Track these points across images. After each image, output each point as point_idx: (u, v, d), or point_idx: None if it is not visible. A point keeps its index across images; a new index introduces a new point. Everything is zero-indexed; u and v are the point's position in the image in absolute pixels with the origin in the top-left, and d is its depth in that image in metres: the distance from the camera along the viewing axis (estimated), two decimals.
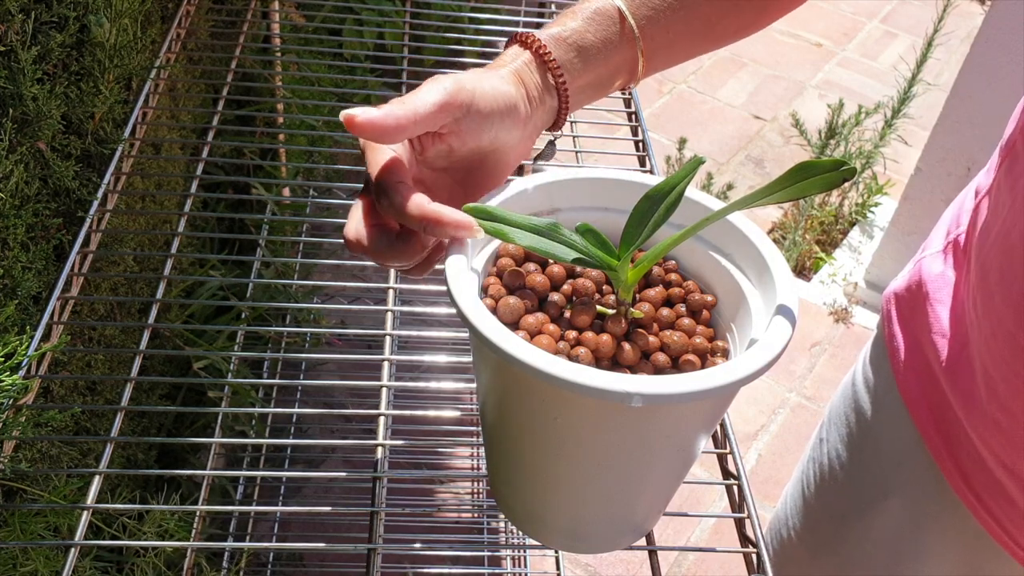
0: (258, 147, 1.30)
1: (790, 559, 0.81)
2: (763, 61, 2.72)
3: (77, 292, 0.67)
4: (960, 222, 0.64)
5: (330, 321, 1.60)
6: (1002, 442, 0.57)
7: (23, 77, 0.63)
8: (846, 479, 0.74)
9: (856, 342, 1.89)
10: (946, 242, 0.65)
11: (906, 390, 0.67)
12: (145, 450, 1.00)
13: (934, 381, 0.64)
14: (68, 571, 0.51)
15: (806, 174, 0.41)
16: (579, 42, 0.50)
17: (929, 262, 0.66)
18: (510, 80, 0.48)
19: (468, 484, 1.45)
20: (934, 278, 0.64)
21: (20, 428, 0.57)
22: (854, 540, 0.73)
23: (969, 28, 2.78)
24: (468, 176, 0.49)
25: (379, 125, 0.41)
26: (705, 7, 0.53)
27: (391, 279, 0.72)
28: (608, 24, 0.51)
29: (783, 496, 0.84)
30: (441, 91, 0.43)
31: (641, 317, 0.45)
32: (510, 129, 0.47)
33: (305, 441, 0.62)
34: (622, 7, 0.51)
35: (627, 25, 0.51)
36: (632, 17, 0.51)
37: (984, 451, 0.59)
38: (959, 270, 0.62)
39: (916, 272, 0.67)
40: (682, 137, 2.07)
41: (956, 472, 0.63)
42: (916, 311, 0.66)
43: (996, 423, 0.56)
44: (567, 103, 0.51)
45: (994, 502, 0.61)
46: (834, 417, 0.76)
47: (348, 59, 1.81)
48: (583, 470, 0.44)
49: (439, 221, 0.42)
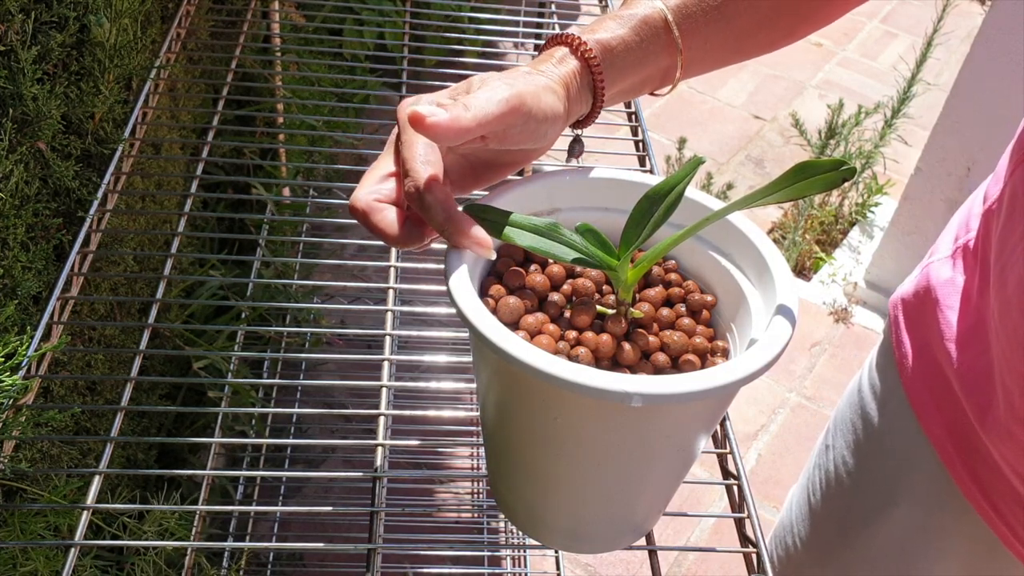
0: (258, 147, 1.30)
1: (795, 567, 0.81)
2: (763, 61, 2.71)
3: (77, 292, 0.67)
4: (969, 227, 0.63)
5: (330, 321, 1.60)
6: (1017, 454, 0.56)
7: (23, 77, 0.63)
8: (852, 486, 0.74)
9: (856, 342, 1.90)
10: (955, 247, 0.64)
11: (915, 397, 0.66)
12: (145, 450, 1.00)
13: (947, 388, 0.63)
14: (68, 571, 0.51)
15: (806, 174, 0.41)
16: (624, 51, 0.51)
17: (937, 267, 0.65)
18: (561, 93, 0.48)
19: (468, 484, 1.45)
20: (943, 284, 0.64)
21: (20, 428, 0.57)
22: (860, 547, 0.73)
23: (969, 28, 2.78)
24: (485, 165, 0.49)
25: (445, 128, 0.42)
26: (743, 20, 0.53)
27: (391, 279, 0.72)
28: (653, 34, 0.51)
29: (787, 502, 0.84)
30: (504, 103, 0.44)
31: (641, 317, 0.45)
32: (547, 135, 0.48)
33: (305, 441, 0.62)
34: (669, 19, 0.51)
35: (671, 37, 0.52)
36: (676, 28, 0.52)
37: (1000, 460, 0.59)
38: (970, 275, 0.62)
39: (924, 278, 0.67)
40: (682, 137, 2.07)
41: (970, 480, 0.62)
42: (925, 317, 0.65)
43: (1011, 434, 0.56)
44: (601, 106, 0.52)
45: (1010, 511, 0.60)
46: (840, 424, 0.76)
47: (348, 59, 1.81)
48: (583, 470, 0.44)
49: (461, 232, 0.42)
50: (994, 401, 0.57)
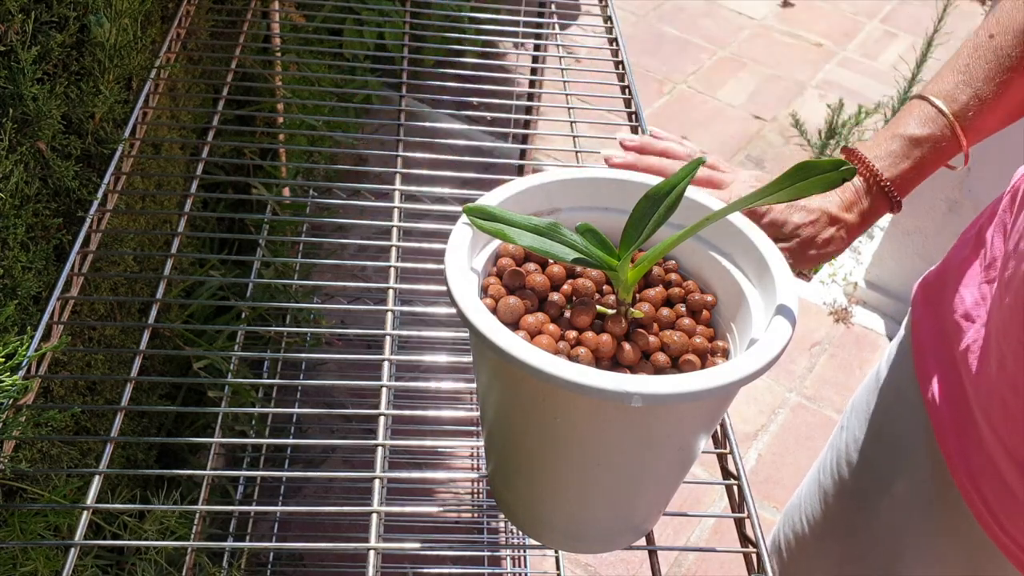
0: (258, 147, 1.30)
1: (801, 545, 0.83)
2: (763, 61, 2.71)
3: (77, 292, 0.67)
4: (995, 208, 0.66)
5: (330, 321, 1.60)
6: (1005, 419, 0.58)
7: (23, 77, 0.63)
8: (861, 461, 0.76)
9: (856, 342, 1.89)
10: (974, 231, 0.67)
11: (921, 370, 0.69)
12: (145, 450, 1.00)
13: (951, 361, 0.65)
14: (68, 571, 0.51)
15: (806, 174, 0.41)
16: (918, 174, 0.62)
17: (960, 248, 0.68)
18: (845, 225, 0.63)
19: (468, 484, 1.45)
20: (960, 263, 0.67)
21: (20, 428, 0.57)
22: (862, 522, 0.75)
23: (969, 28, 2.77)
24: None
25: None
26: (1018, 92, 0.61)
27: (391, 279, 0.72)
28: (943, 148, 0.61)
29: (800, 484, 0.87)
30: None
31: (641, 317, 0.45)
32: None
33: (305, 441, 0.62)
34: (960, 136, 0.61)
35: (959, 142, 0.61)
36: (960, 129, 0.61)
37: (987, 431, 0.60)
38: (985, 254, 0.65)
39: (947, 259, 0.70)
40: (682, 137, 2.07)
41: (958, 456, 0.64)
42: (943, 294, 0.68)
43: (1003, 401, 0.57)
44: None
45: (989, 487, 0.62)
46: (857, 404, 0.79)
47: (348, 59, 1.81)
48: (583, 470, 0.44)
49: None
50: (988, 372, 0.59)
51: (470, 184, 0.93)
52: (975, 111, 0.61)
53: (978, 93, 0.60)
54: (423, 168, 0.84)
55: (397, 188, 0.78)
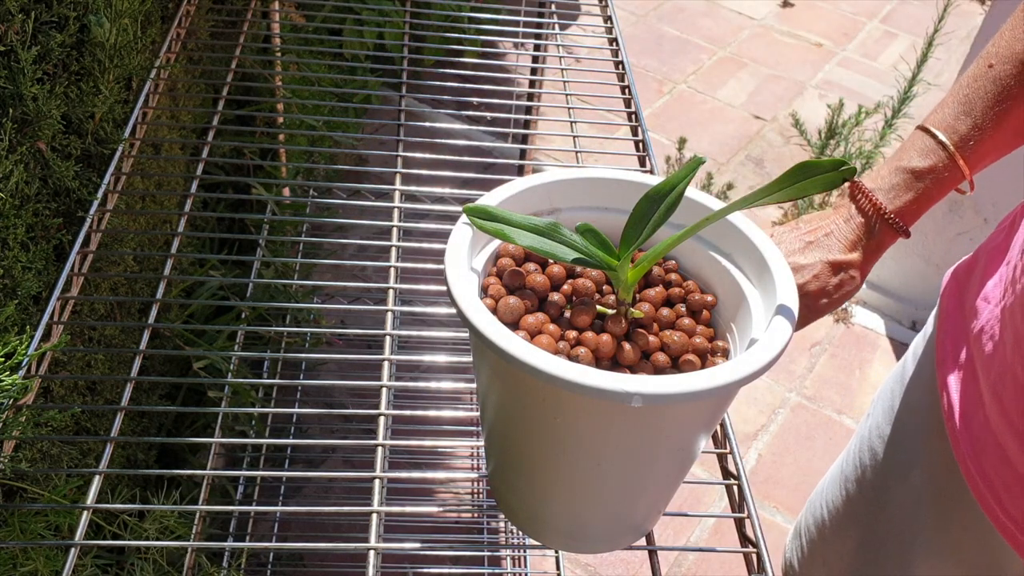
0: (258, 147, 1.30)
1: (820, 533, 0.84)
2: (763, 61, 2.71)
3: (77, 292, 0.67)
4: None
5: (330, 321, 1.60)
6: (1016, 396, 0.58)
7: (23, 77, 0.63)
8: (882, 449, 0.77)
9: (856, 342, 1.89)
10: (1009, 220, 0.68)
11: (940, 356, 0.69)
12: (145, 450, 1.00)
13: (965, 343, 0.66)
14: (68, 571, 0.51)
15: (806, 174, 0.41)
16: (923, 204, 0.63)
17: (992, 237, 0.69)
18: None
19: (468, 484, 1.45)
20: (991, 250, 0.67)
21: (20, 428, 0.57)
22: (879, 511, 0.76)
23: (969, 28, 2.78)
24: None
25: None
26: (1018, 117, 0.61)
27: (391, 279, 0.72)
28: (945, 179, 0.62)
29: (825, 474, 0.88)
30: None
31: (641, 317, 0.45)
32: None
33: (305, 441, 0.62)
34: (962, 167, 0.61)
35: (961, 172, 0.62)
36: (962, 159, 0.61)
37: (993, 411, 0.61)
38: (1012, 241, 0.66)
39: (979, 248, 0.71)
40: (682, 137, 2.07)
41: (965, 441, 0.65)
42: (970, 279, 0.69)
43: (1014, 376, 0.58)
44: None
45: (990, 463, 0.62)
46: (882, 393, 0.80)
47: (348, 59, 1.81)
48: (583, 470, 0.44)
49: None
50: (1002, 351, 0.60)
51: (470, 184, 0.93)
52: (976, 140, 0.61)
53: (978, 123, 0.61)
54: (423, 168, 0.84)
55: (397, 188, 0.78)
